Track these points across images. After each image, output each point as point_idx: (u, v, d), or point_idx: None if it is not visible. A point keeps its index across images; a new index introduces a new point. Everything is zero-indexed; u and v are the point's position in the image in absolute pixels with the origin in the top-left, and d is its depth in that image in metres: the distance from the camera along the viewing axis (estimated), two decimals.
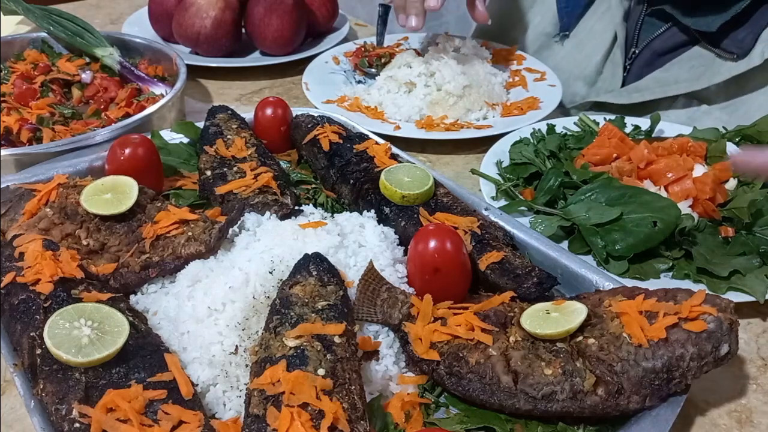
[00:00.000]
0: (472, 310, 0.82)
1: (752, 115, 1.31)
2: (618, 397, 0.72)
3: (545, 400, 0.73)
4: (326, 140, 1.14)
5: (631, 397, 0.72)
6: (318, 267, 0.82)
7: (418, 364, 0.81)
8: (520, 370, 0.74)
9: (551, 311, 0.78)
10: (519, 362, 0.75)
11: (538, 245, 0.96)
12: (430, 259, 0.86)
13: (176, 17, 1.67)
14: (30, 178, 1.04)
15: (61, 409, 0.69)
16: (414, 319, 0.82)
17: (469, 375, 0.77)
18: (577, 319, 0.75)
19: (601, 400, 0.72)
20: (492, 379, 0.75)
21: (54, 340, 0.72)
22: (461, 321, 0.80)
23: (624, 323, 0.75)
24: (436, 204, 1.00)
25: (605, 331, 0.75)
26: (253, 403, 0.69)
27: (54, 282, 0.81)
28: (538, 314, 0.78)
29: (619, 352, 0.73)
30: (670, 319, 0.73)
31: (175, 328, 0.83)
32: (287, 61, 1.69)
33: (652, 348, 0.72)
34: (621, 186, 1.05)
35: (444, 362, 0.79)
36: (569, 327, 0.75)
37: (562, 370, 0.73)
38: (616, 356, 0.72)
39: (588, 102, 1.56)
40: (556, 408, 0.73)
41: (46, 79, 1.43)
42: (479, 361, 0.76)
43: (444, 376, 0.79)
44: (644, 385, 0.72)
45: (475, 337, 0.78)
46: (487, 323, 0.79)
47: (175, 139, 1.20)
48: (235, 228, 0.93)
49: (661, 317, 0.74)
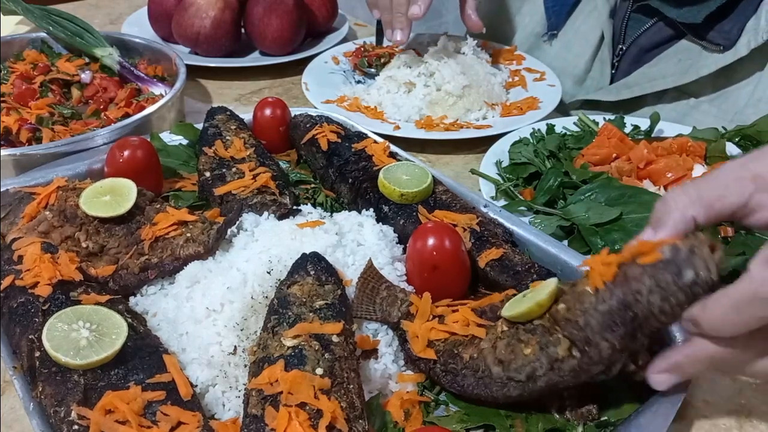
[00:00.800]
0: (470, 306, 0.82)
1: (740, 107, 1.32)
2: (589, 351, 0.69)
3: (530, 380, 0.72)
4: (324, 140, 1.14)
5: (600, 344, 0.68)
6: (315, 266, 0.82)
7: (415, 363, 0.81)
8: (505, 358, 0.74)
9: (527, 294, 0.76)
10: (503, 350, 0.74)
11: (537, 242, 0.96)
12: (428, 257, 0.86)
13: (176, 17, 1.67)
14: (29, 182, 1.04)
15: (60, 411, 0.69)
16: (413, 317, 0.82)
17: (464, 371, 0.76)
18: (544, 291, 0.73)
19: (578, 360, 0.70)
20: (484, 372, 0.75)
21: (52, 343, 0.72)
22: (458, 318, 0.80)
23: (588, 278, 0.71)
24: (435, 202, 1.00)
25: (573, 292, 0.72)
26: (251, 403, 0.69)
27: (53, 285, 0.81)
28: (516, 300, 0.77)
29: (582, 306, 0.70)
30: (625, 258, 0.69)
31: (174, 329, 0.83)
32: (287, 61, 1.69)
33: (608, 290, 0.68)
34: (620, 186, 1.05)
35: (440, 360, 0.78)
36: (537, 300, 0.73)
37: (539, 345, 0.72)
38: (580, 311, 0.70)
39: (578, 100, 1.57)
40: (542, 384, 0.72)
41: (46, 79, 1.43)
42: (473, 356, 0.76)
43: (440, 375, 0.78)
44: (606, 329, 0.68)
45: (469, 332, 0.78)
46: (483, 319, 0.79)
47: (174, 141, 1.20)
48: (234, 228, 0.93)
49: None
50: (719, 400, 0.83)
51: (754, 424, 0.80)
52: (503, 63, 1.64)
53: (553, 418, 0.76)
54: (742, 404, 0.83)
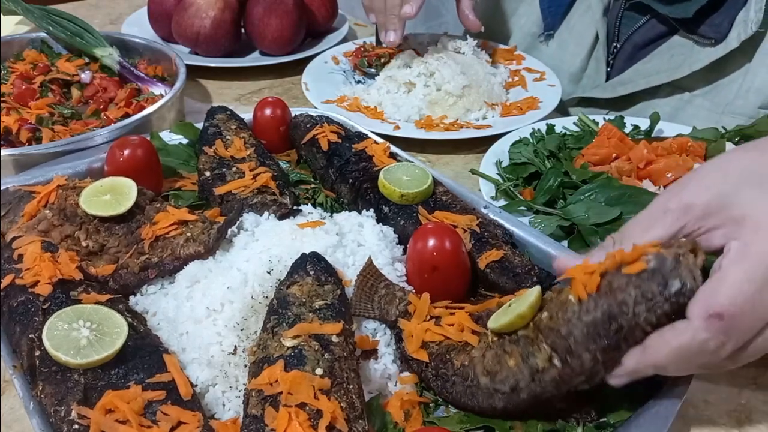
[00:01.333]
0: (467, 310, 0.81)
1: (732, 99, 1.33)
2: (570, 361, 0.68)
3: (514, 392, 0.71)
4: (325, 140, 1.14)
5: (583, 355, 0.68)
6: (315, 266, 0.82)
7: (408, 363, 0.81)
8: (491, 369, 0.73)
9: (512, 303, 0.75)
10: (491, 361, 0.73)
11: (537, 243, 0.96)
12: (428, 258, 0.86)
13: (175, 17, 1.67)
14: (29, 180, 1.04)
15: (60, 411, 0.69)
16: (410, 316, 0.82)
17: (454, 377, 0.76)
18: (525, 302, 0.72)
19: (559, 371, 0.69)
20: (473, 381, 0.74)
21: (53, 342, 0.72)
22: (455, 321, 0.80)
23: (571, 286, 0.70)
24: (435, 202, 1.00)
25: (557, 300, 0.71)
26: (251, 403, 0.69)
27: (53, 284, 0.81)
28: (502, 311, 0.76)
29: (565, 315, 0.68)
30: (608, 267, 0.68)
31: (174, 328, 0.83)
32: (286, 61, 1.69)
33: (593, 300, 0.67)
34: (620, 186, 1.05)
35: (431, 365, 0.78)
36: (518, 312, 0.72)
37: (521, 356, 0.71)
38: (563, 320, 0.68)
39: (574, 98, 1.58)
40: (524, 396, 0.71)
41: (46, 79, 1.43)
42: (463, 363, 0.75)
43: (431, 379, 0.78)
44: (590, 339, 0.67)
45: (463, 338, 0.77)
46: (479, 324, 0.79)
47: (174, 140, 1.20)
48: (234, 228, 0.93)
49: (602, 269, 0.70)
50: (719, 400, 0.83)
51: (754, 424, 0.80)
52: (503, 63, 1.64)
53: (552, 419, 0.75)
54: (742, 404, 0.83)
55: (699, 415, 0.81)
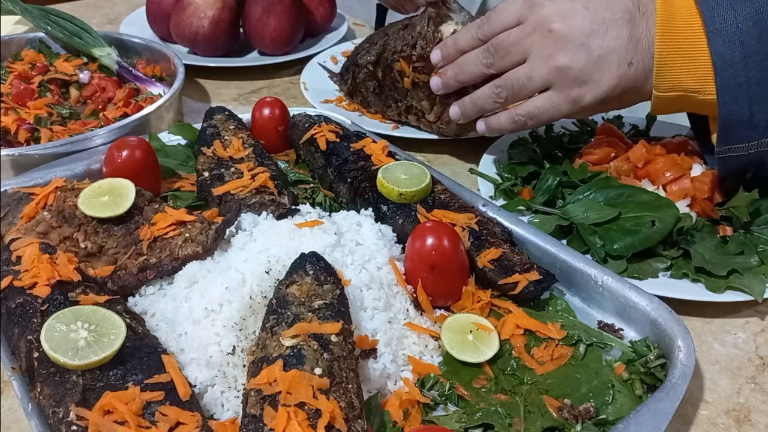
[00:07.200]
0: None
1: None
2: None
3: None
4: (323, 139, 1.14)
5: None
6: (314, 266, 0.82)
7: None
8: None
9: (473, 331, 0.83)
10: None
11: (536, 240, 0.96)
12: (427, 257, 0.86)
13: (174, 17, 1.67)
14: (28, 182, 1.04)
15: (59, 412, 0.69)
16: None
17: None
18: (488, 352, 0.82)
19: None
20: None
21: (51, 343, 0.72)
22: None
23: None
24: (433, 201, 1.00)
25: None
26: (250, 403, 0.68)
27: (51, 285, 0.81)
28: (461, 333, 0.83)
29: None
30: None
31: (172, 329, 0.83)
32: (285, 60, 1.69)
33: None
34: (619, 185, 1.05)
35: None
36: (479, 360, 0.82)
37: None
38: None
39: None
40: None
41: (44, 79, 1.43)
42: None
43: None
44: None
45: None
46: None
47: (172, 141, 1.20)
48: (232, 228, 0.93)
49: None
50: (718, 399, 0.83)
51: (753, 423, 0.80)
52: None
53: (551, 416, 0.76)
54: (741, 403, 0.83)
55: (698, 415, 0.81)
